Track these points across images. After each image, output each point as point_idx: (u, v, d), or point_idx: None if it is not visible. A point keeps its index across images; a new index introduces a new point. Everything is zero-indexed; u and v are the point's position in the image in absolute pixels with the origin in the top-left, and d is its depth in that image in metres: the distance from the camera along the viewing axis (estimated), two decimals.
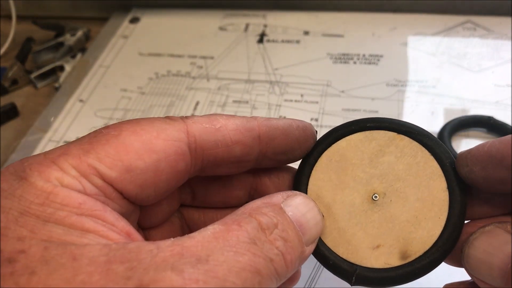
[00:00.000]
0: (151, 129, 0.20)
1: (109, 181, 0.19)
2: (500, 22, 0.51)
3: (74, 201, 0.17)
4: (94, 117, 0.47)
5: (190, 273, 0.15)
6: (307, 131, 0.23)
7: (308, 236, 0.20)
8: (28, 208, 0.17)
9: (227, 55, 0.53)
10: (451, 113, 0.43)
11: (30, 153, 0.44)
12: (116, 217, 0.18)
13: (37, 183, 0.17)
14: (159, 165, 0.20)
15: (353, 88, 0.47)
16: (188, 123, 0.21)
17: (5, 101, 0.51)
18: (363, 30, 0.54)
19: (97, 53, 0.55)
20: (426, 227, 0.21)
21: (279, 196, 0.20)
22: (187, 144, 0.20)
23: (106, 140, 0.19)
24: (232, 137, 0.21)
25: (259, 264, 0.17)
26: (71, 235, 0.16)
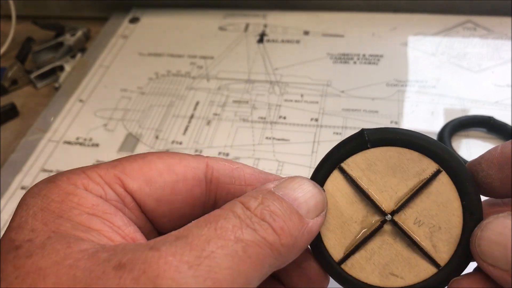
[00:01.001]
0: (175, 156, 0.22)
1: (129, 191, 0.20)
2: (500, 22, 0.51)
3: (89, 202, 0.19)
4: (94, 117, 0.47)
5: (167, 248, 0.16)
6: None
7: (305, 209, 0.20)
8: (48, 205, 0.18)
9: (227, 55, 0.53)
10: (451, 113, 0.43)
11: (30, 153, 0.44)
12: (125, 222, 0.19)
13: (62, 185, 0.19)
14: (176, 185, 0.21)
15: (353, 88, 0.47)
16: (210, 158, 0.23)
17: (5, 101, 0.51)
18: (363, 30, 0.54)
19: (97, 53, 0.55)
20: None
21: (270, 183, 0.21)
22: (204, 174, 0.22)
23: (134, 159, 0.21)
24: (246, 179, 0.22)
25: (242, 233, 0.17)
26: (77, 230, 0.18)
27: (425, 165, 0.21)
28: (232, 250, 0.16)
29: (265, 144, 0.43)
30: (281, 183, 0.21)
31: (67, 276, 0.16)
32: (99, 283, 0.15)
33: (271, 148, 0.42)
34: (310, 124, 0.44)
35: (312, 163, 0.40)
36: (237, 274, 0.16)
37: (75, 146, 0.45)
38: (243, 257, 0.17)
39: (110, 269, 0.16)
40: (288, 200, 0.20)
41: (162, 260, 0.16)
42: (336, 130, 0.43)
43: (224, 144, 0.43)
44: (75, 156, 0.44)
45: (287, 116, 0.45)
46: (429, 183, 0.21)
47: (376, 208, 0.21)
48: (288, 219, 0.19)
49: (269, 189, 0.20)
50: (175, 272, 0.15)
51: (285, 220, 0.19)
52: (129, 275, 0.15)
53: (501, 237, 0.18)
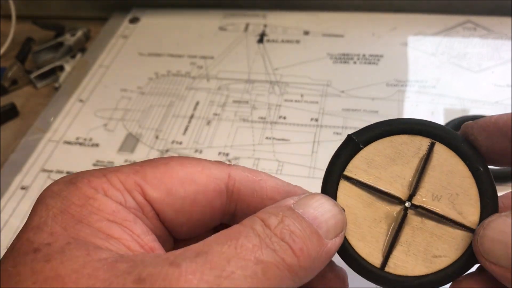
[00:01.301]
0: (197, 164, 0.22)
1: (149, 200, 0.20)
2: (500, 22, 0.51)
3: (109, 208, 0.19)
4: (94, 117, 0.47)
5: (188, 265, 0.16)
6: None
7: (325, 229, 0.19)
8: (68, 208, 0.18)
9: (227, 55, 0.53)
10: (451, 113, 0.43)
11: (30, 153, 0.44)
12: (144, 231, 0.19)
13: (83, 188, 0.19)
14: (197, 196, 0.21)
15: (353, 88, 0.47)
16: (232, 168, 0.22)
17: (5, 101, 0.51)
18: (363, 30, 0.54)
19: (97, 53, 0.55)
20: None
21: (290, 199, 0.20)
22: (226, 185, 0.22)
23: (155, 165, 0.21)
24: (268, 193, 0.22)
25: (261, 254, 0.17)
26: (96, 237, 0.18)
27: (418, 143, 0.22)
28: (252, 271, 0.16)
29: (265, 144, 0.43)
30: (301, 199, 0.20)
31: (86, 285, 0.16)
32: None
33: (271, 148, 0.42)
34: (310, 124, 0.44)
35: (312, 163, 0.40)
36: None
37: (75, 146, 0.45)
38: (262, 280, 0.16)
39: (130, 282, 0.15)
40: (308, 219, 0.19)
41: (182, 278, 0.15)
42: (336, 130, 0.43)
43: (224, 144, 0.43)
44: (75, 156, 0.44)
45: (287, 116, 0.45)
46: (429, 157, 0.22)
47: (394, 199, 0.22)
48: (308, 240, 0.18)
49: (289, 205, 0.20)
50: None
51: (305, 241, 0.18)
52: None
53: (503, 235, 0.18)
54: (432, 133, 0.22)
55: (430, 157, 0.22)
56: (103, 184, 0.20)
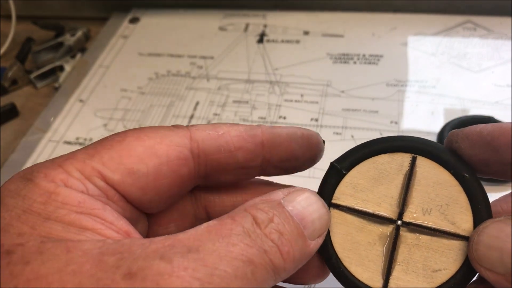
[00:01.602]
0: (155, 135, 0.20)
1: (111, 184, 0.19)
2: (500, 22, 0.51)
3: (74, 200, 0.18)
4: (94, 117, 0.47)
5: (179, 261, 0.16)
6: (312, 139, 0.23)
7: (310, 230, 0.20)
8: (31, 206, 0.17)
9: (227, 55, 0.53)
10: (451, 113, 0.43)
11: (30, 153, 0.44)
12: (115, 217, 0.19)
13: (42, 183, 0.18)
14: (161, 169, 0.20)
15: (353, 88, 0.47)
16: (192, 130, 0.21)
17: (5, 101, 0.51)
18: (363, 30, 0.54)
19: (97, 53, 0.55)
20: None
21: (279, 192, 0.20)
22: (189, 150, 0.21)
23: (111, 145, 0.20)
24: (235, 143, 0.21)
25: (252, 254, 0.17)
26: (69, 232, 0.17)
27: (400, 159, 0.22)
28: (242, 272, 0.16)
29: None
30: (290, 194, 0.20)
31: (72, 283, 0.15)
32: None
33: None
34: (310, 124, 0.44)
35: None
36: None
37: (75, 146, 0.45)
38: (251, 280, 0.17)
39: (120, 278, 0.15)
40: (296, 218, 0.19)
41: (174, 274, 0.15)
42: (336, 130, 0.43)
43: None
44: None
45: (287, 116, 0.45)
46: (412, 172, 0.21)
47: (384, 220, 0.21)
48: (294, 243, 0.19)
49: (278, 200, 0.20)
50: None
51: (291, 244, 0.19)
52: (141, 285, 0.15)
53: (497, 241, 0.18)
54: (411, 148, 0.22)
55: (414, 172, 0.21)
56: (60, 175, 0.18)
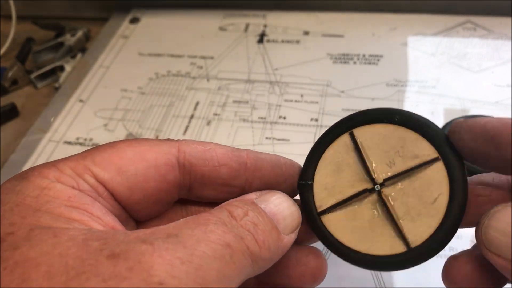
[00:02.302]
0: (145, 143, 0.22)
1: (101, 181, 0.20)
2: (500, 22, 0.52)
3: (65, 195, 0.19)
4: (94, 117, 0.48)
5: (160, 243, 0.16)
6: (294, 167, 0.24)
7: (283, 225, 0.21)
8: (23, 200, 0.18)
9: (227, 55, 0.53)
10: (451, 113, 0.43)
11: (30, 153, 0.44)
12: (103, 212, 0.20)
13: (35, 180, 0.19)
14: (148, 172, 0.21)
15: (353, 88, 0.47)
16: (180, 142, 0.23)
17: (5, 101, 0.51)
18: (363, 30, 0.54)
19: (97, 53, 0.55)
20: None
21: (253, 194, 0.22)
22: (176, 158, 0.22)
23: (103, 149, 0.21)
24: (220, 159, 0.23)
25: (229, 239, 0.18)
26: (57, 221, 0.18)
27: (342, 142, 0.23)
28: (221, 254, 0.17)
29: (265, 144, 0.43)
30: (263, 195, 0.22)
31: (59, 264, 0.16)
32: (93, 270, 0.15)
33: (271, 148, 0.42)
34: (310, 124, 0.44)
35: None
36: (222, 276, 0.17)
37: (76, 146, 0.45)
38: (229, 262, 0.17)
39: (103, 258, 0.16)
40: (269, 215, 0.21)
41: (156, 253, 0.16)
42: None
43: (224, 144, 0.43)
44: None
45: (287, 116, 0.45)
46: (357, 144, 0.23)
47: (364, 193, 0.22)
48: (268, 234, 0.20)
49: (252, 200, 0.21)
50: (169, 265, 0.16)
51: (266, 234, 0.20)
52: (124, 264, 0.16)
53: (508, 226, 0.18)
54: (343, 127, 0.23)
55: (359, 143, 0.23)
56: (54, 172, 0.20)
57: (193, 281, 0.16)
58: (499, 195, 0.22)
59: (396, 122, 0.22)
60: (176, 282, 0.16)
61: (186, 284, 0.16)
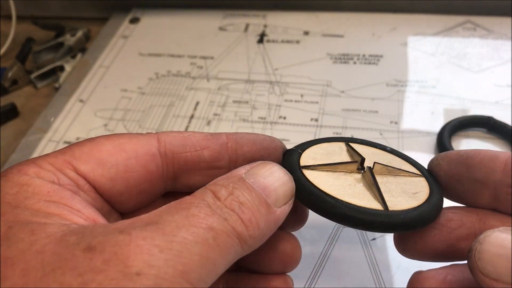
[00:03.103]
0: (124, 136, 0.22)
1: (82, 174, 0.20)
2: (500, 22, 0.52)
3: (44, 190, 0.19)
4: (94, 117, 0.48)
5: (138, 233, 0.16)
6: (275, 142, 0.24)
7: (274, 198, 0.20)
8: (2, 198, 0.18)
9: (227, 55, 0.53)
10: (451, 113, 0.43)
11: (30, 153, 0.44)
12: (84, 205, 0.19)
13: (14, 177, 0.19)
14: (129, 163, 0.21)
15: (353, 88, 0.47)
16: (159, 133, 0.23)
17: (5, 101, 0.51)
18: (363, 30, 0.54)
19: (97, 53, 0.55)
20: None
21: (241, 168, 0.21)
22: (157, 148, 0.22)
23: (82, 143, 0.21)
24: (200, 143, 0.23)
25: (212, 222, 0.17)
26: (36, 217, 0.18)
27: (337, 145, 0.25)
28: (203, 238, 0.17)
29: None
30: (252, 168, 0.21)
31: (35, 261, 0.16)
32: (69, 265, 0.15)
33: None
34: (310, 124, 0.44)
35: None
36: (205, 260, 0.17)
37: None
38: (212, 245, 0.17)
39: (80, 252, 0.16)
40: (258, 189, 0.20)
41: (133, 243, 0.16)
42: (336, 130, 0.43)
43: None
44: None
45: (287, 116, 0.45)
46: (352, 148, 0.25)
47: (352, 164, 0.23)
48: (256, 211, 0.19)
49: (240, 175, 0.20)
50: (146, 255, 0.16)
51: (253, 212, 0.19)
52: (100, 256, 0.15)
53: (502, 249, 0.18)
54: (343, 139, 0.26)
55: (352, 147, 0.25)
56: (33, 168, 0.20)
57: (173, 268, 0.16)
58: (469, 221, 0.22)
59: (387, 150, 0.25)
60: (154, 271, 0.15)
61: (165, 273, 0.15)
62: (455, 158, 0.22)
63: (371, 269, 0.33)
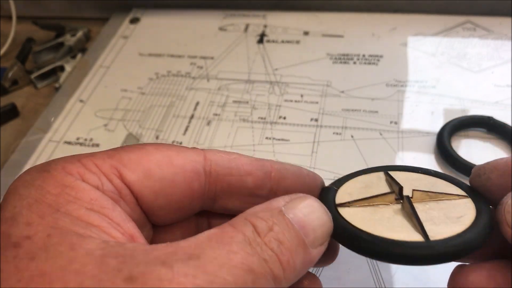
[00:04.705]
0: (173, 148, 0.21)
1: (127, 183, 0.20)
2: (500, 22, 0.52)
3: (87, 196, 0.18)
4: (94, 117, 0.48)
5: (180, 267, 0.16)
6: (316, 180, 0.24)
7: (312, 238, 0.19)
8: (43, 197, 0.18)
9: (227, 55, 0.53)
10: (451, 113, 0.43)
11: (30, 154, 0.45)
12: (123, 218, 0.19)
13: (58, 175, 0.18)
14: (175, 177, 0.21)
15: (353, 88, 0.47)
16: (206, 150, 0.22)
17: (5, 101, 0.51)
18: (363, 30, 0.54)
19: (97, 54, 0.55)
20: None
21: (280, 200, 0.20)
22: (203, 166, 0.21)
23: (131, 149, 0.21)
24: (245, 168, 0.22)
25: (253, 263, 0.17)
26: (76, 226, 0.17)
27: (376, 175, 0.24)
28: (243, 280, 0.17)
29: (265, 144, 0.43)
30: (292, 201, 0.20)
31: (74, 283, 0.15)
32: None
33: (271, 148, 0.42)
34: (310, 124, 0.44)
35: (312, 163, 0.40)
36: None
37: (76, 146, 0.45)
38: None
39: (121, 281, 0.15)
40: (297, 226, 0.19)
41: (175, 280, 0.15)
42: (336, 130, 0.43)
43: (224, 144, 0.43)
44: None
45: (287, 116, 0.45)
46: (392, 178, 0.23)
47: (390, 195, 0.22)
48: (294, 252, 0.19)
49: (279, 208, 0.20)
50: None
51: (292, 253, 0.18)
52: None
53: None
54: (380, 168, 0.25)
55: (391, 175, 0.24)
56: (78, 168, 0.19)
57: None
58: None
59: (430, 174, 0.24)
60: None
61: None
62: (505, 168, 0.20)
63: (371, 269, 0.33)
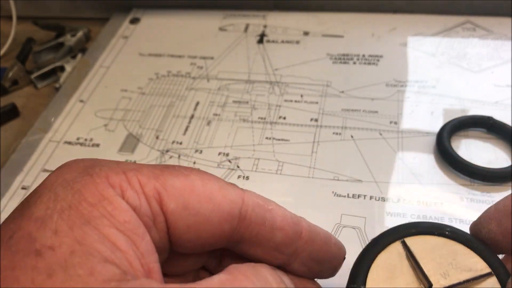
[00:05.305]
0: (216, 182, 0.21)
1: (165, 211, 0.19)
2: (500, 22, 0.52)
3: (121, 217, 0.18)
4: (94, 118, 0.48)
5: None
6: (341, 251, 0.24)
7: None
8: (78, 204, 0.17)
9: (227, 56, 0.53)
10: (450, 113, 0.43)
11: (30, 154, 0.45)
12: (149, 250, 0.18)
13: (100, 184, 0.18)
14: (211, 215, 0.20)
15: (353, 88, 0.47)
16: (246, 192, 0.21)
17: (5, 101, 0.51)
18: (363, 31, 0.54)
19: (98, 54, 0.55)
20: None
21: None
22: (239, 210, 0.21)
23: (176, 174, 0.20)
24: (279, 222, 0.21)
25: None
26: (102, 245, 0.16)
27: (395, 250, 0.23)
28: None
29: (265, 144, 0.43)
30: None
31: None
32: None
33: (271, 148, 0.42)
34: (310, 124, 0.44)
35: (312, 163, 0.40)
36: None
37: (76, 146, 0.45)
38: None
39: None
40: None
41: None
42: (336, 130, 0.43)
43: (224, 144, 0.43)
44: (75, 156, 0.43)
45: (287, 116, 0.45)
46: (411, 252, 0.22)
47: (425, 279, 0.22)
48: None
49: None
50: None
51: None
52: None
53: None
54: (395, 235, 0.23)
55: (412, 251, 0.22)
56: (122, 182, 0.18)
57: None
58: None
59: (446, 235, 0.23)
60: None
61: None
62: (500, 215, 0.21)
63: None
